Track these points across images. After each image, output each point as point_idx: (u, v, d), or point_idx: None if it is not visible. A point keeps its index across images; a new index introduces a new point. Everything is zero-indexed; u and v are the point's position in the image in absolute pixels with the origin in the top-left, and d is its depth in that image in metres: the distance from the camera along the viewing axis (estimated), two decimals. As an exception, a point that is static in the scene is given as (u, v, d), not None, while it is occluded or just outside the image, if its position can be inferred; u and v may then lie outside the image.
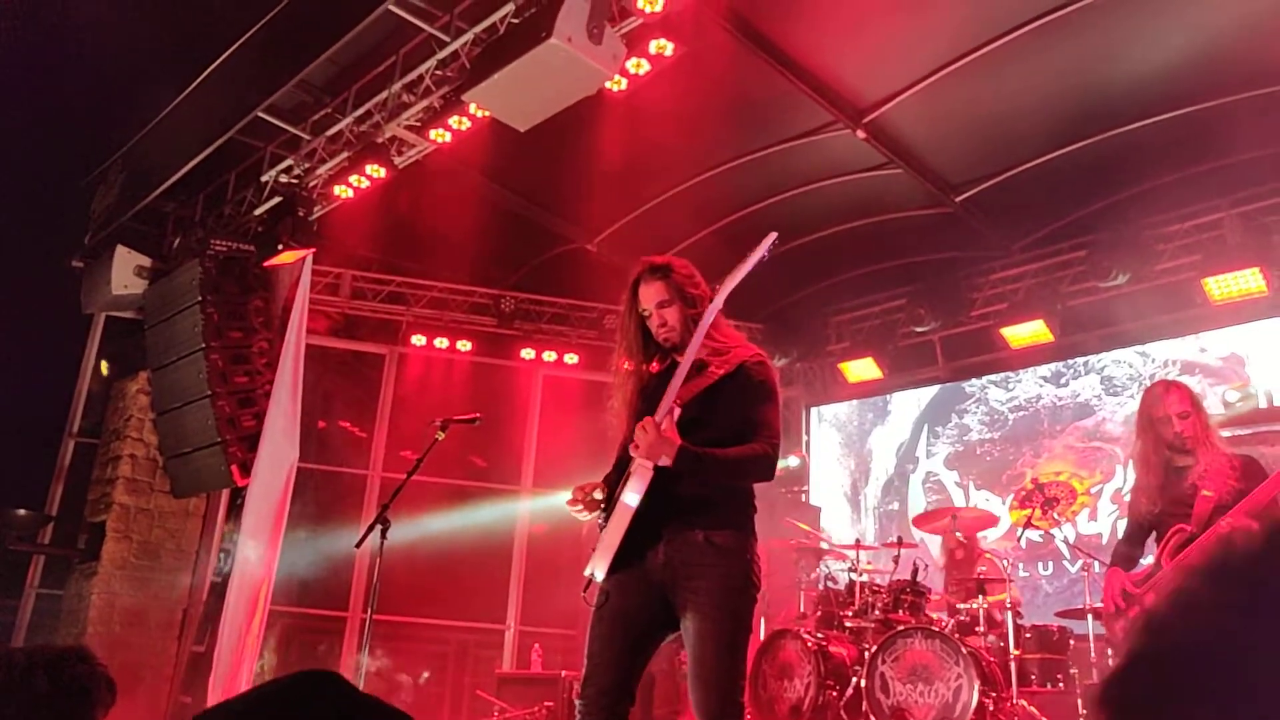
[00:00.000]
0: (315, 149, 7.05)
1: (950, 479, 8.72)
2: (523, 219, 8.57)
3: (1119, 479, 7.68)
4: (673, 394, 2.86)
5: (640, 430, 2.85)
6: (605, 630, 2.88)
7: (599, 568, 2.90)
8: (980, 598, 5.72)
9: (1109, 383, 8.00)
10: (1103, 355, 8.07)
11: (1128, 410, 7.77)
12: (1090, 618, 5.61)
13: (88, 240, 8.48)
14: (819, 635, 5.95)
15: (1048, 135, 7.30)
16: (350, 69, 6.78)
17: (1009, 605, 5.68)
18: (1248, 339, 7.34)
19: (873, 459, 9.34)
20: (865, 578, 6.28)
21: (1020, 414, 8.43)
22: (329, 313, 8.72)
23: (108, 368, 8.83)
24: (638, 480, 2.85)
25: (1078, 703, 5.33)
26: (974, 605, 5.73)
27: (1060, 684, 5.55)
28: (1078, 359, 8.19)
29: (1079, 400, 8.12)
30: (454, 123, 6.28)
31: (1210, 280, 7.06)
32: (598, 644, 2.87)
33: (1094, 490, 7.79)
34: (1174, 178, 7.20)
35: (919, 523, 7.14)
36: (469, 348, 9.08)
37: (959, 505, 8.25)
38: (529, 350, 9.16)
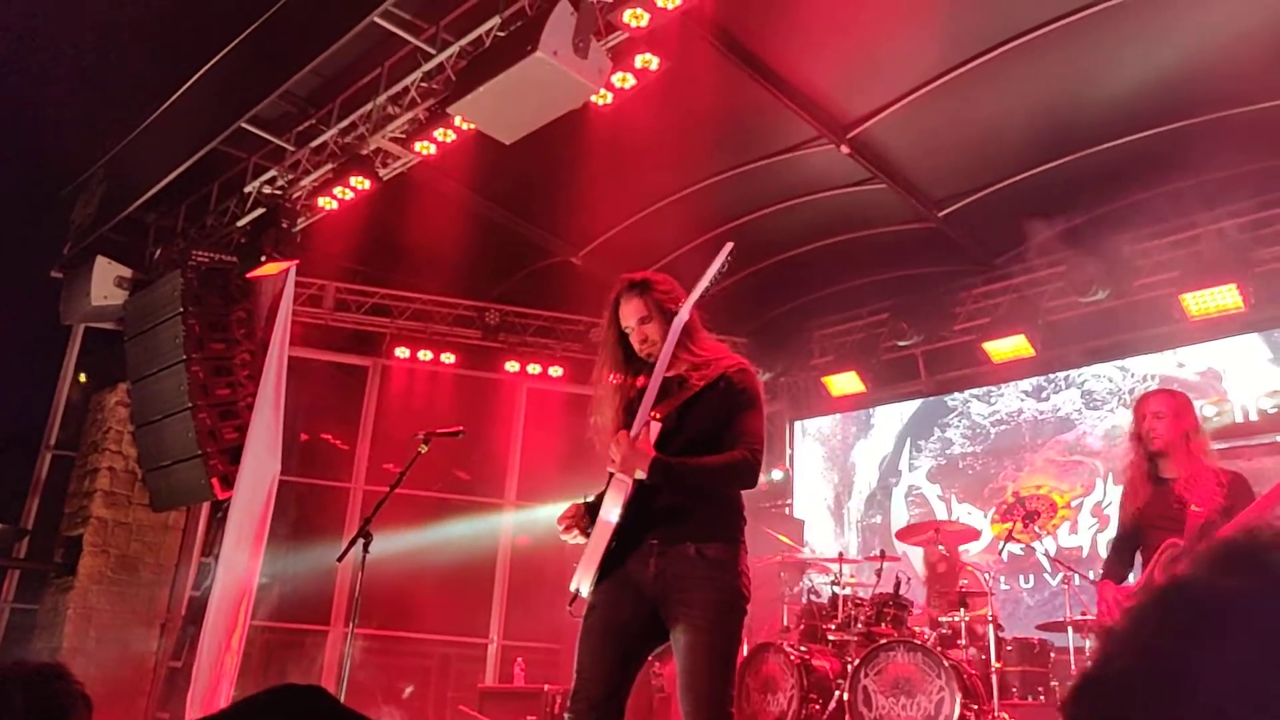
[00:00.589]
0: (299, 160, 7.03)
1: (932, 492, 8.76)
2: (507, 231, 8.56)
3: (1099, 492, 7.73)
4: (647, 407, 2.87)
5: (614, 445, 2.86)
6: (595, 643, 2.87)
7: (584, 583, 2.90)
8: (962, 610, 5.74)
9: (1089, 397, 8.06)
10: (1083, 370, 8.14)
11: (1108, 424, 7.84)
12: (1071, 630, 5.65)
13: (67, 250, 8.41)
14: (802, 649, 5.95)
15: (1029, 151, 7.37)
16: (335, 80, 6.77)
17: (990, 618, 5.70)
18: (1224, 354, 7.41)
19: (856, 472, 9.36)
20: (848, 591, 6.28)
21: (1002, 428, 8.48)
22: (312, 324, 8.67)
23: (86, 379, 8.75)
24: (616, 494, 2.86)
25: (1058, 715, 5.33)
26: (956, 618, 5.75)
27: (1041, 696, 5.57)
28: (1059, 373, 8.25)
29: (1060, 414, 8.18)
30: (439, 135, 6.28)
31: (1188, 296, 7.13)
32: (587, 657, 2.86)
33: (1074, 504, 7.83)
34: (1152, 194, 7.28)
35: (902, 536, 7.17)
36: (453, 360, 9.06)
37: (941, 518, 8.28)
38: (513, 363, 9.14)
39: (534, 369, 9.17)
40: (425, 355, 8.98)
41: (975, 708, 5.24)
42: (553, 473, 8.41)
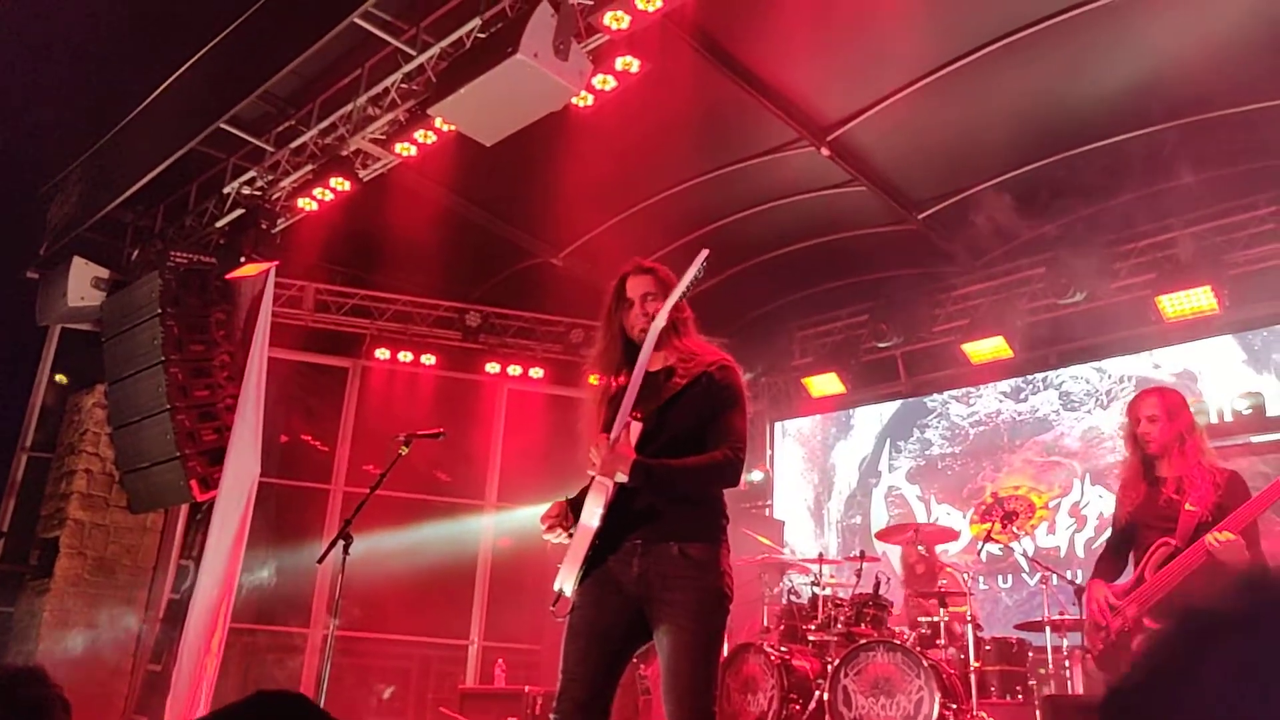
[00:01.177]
0: (279, 161, 7.00)
1: (912, 493, 8.81)
2: (488, 233, 8.55)
3: (1076, 493, 7.80)
4: (627, 409, 2.87)
5: (593, 449, 2.87)
6: (580, 644, 2.86)
7: (567, 583, 2.90)
8: (941, 610, 5.78)
9: (1067, 398, 8.14)
10: (1061, 371, 8.21)
11: (1085, 425, 7.91)
12: (1049, 630, 5.70)
13: (44, 251, 8.33)
14: (782, 649, 5.98)
15: (1007, 155, 7.44)
16: (315, 81, 6.74)
17: (969, 618, 5.74)
18: (1199, 356, 7.50)
19: (835, 473, 9.40)
20: (828, 591, 6.31)
21: (980, 429, 8.55)
22: (292, 326, 8.63)
23: (64, 381, 8.67)
24: (597, 496, 2.86)
25: (1036, 714, 5.39)
26: (935, 618, 5.79)
27: (1019, 695, 5.62)
28: (1037, 375, 8.32)
29: (1038, 415, 8.25)
30: (419, 136, 6.26)
31: (1164, 298, 7.22)
32: (572, 658, 2.85)
33: (1052, 504, 7.90)
34: (1128, 198, 7.36)
35: (882, 537, 7.21)
36: (433, 362, 9.04)
37: (920, 518, 8.34)
38: (494, 364, 9.13)
39: (514, 370, 9.17)
40: (405, 356, 8.95)
41: (954, 707, 5.28)
42: (533, 474, 8.41)
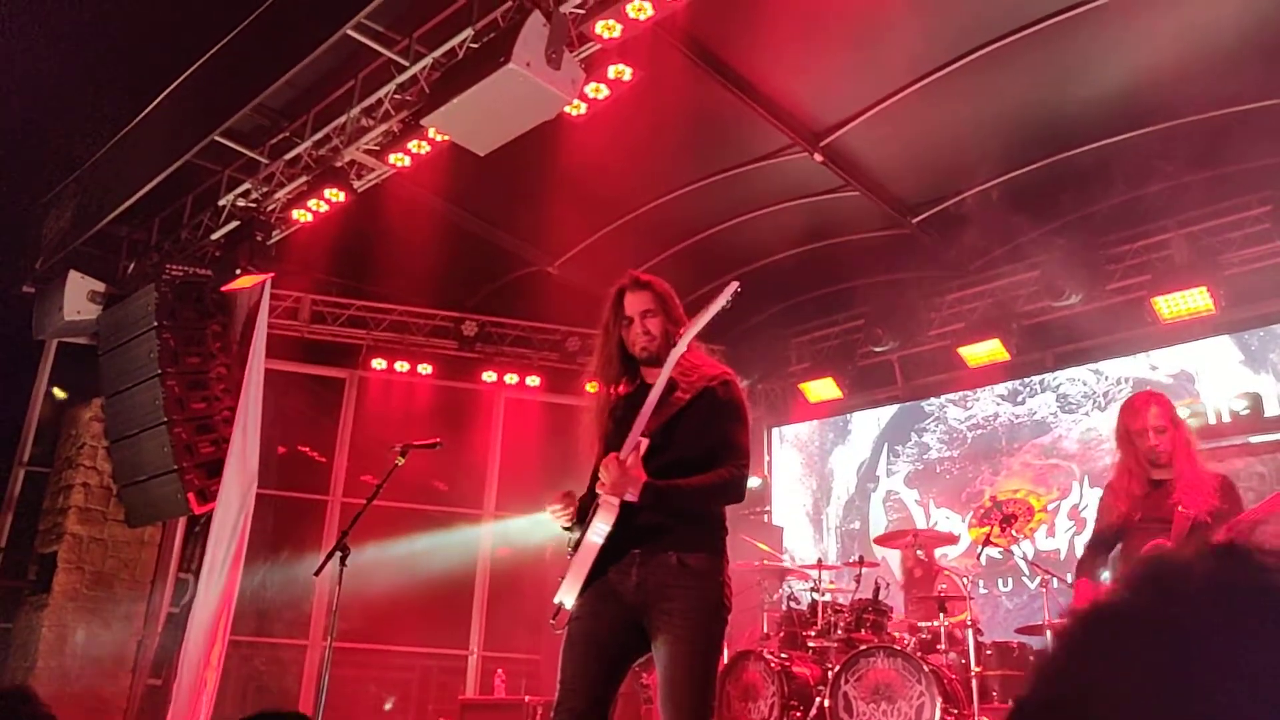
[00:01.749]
0: (273, 173, 7.00)
1: (910, 497, 8.80)
2: (483, 242, 8.56)
3: (1075, 495, 7.79)
4: (640, 426, 2.88)
5: (604, 468, 2.88)
6: (578, 654, 2.87)
7: (567, 597, 2.91)
8: (941, 616, 5.77)
9: (1064, 400, 8.13)
10: (1058, 373, 8.21)
11: (1083, 427, 7.91)
12: (1050, 634, 5.69)
13: (39, 265, 8.33)
14: (782, 656, 5.96)
15: (1001, 158, 7.44)
16: (309, 93, 6.75)
17: (969, 622, 5.73)
18: (1196, 356, 7.50)
19: (834, 478, 9.40)
20: (828, 597, 6.30)
21: (978, 432, 8.54)
22: (288, 337, 8.63)
23: (61, 395, 8.66)
24: (605, 513, 2.87)
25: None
26: (935, 623, 5.78)
27: (1020, 700, 5.59)
28: (1034, 377, 8.32)
29: (1035, 418, 8.25)
30: (413, 147, 6.27)
31: (1160, 299, 7.21)
32: (570, 668, 2.86)
33: (1051, 507, 7.89)
34: (1123, 199, 7.37)
35: (881, 542, 7.20)
36: (430, 371, 9.03)
37: (919, 523, 8.33)
38: (490, 373, 9.13)
39: (511, 379, 9.16)
40: (402, 366, 8.95)
41: (955, 712, 5.26)
42: (532, 483, 8.40)
